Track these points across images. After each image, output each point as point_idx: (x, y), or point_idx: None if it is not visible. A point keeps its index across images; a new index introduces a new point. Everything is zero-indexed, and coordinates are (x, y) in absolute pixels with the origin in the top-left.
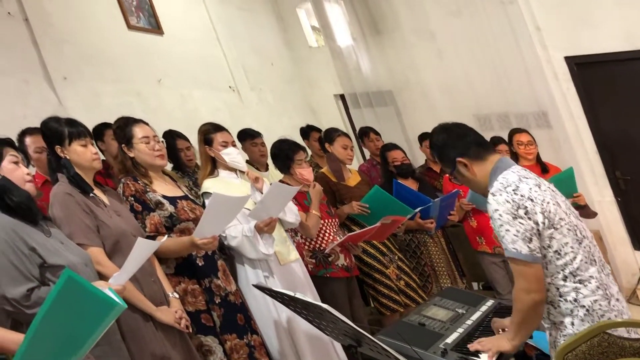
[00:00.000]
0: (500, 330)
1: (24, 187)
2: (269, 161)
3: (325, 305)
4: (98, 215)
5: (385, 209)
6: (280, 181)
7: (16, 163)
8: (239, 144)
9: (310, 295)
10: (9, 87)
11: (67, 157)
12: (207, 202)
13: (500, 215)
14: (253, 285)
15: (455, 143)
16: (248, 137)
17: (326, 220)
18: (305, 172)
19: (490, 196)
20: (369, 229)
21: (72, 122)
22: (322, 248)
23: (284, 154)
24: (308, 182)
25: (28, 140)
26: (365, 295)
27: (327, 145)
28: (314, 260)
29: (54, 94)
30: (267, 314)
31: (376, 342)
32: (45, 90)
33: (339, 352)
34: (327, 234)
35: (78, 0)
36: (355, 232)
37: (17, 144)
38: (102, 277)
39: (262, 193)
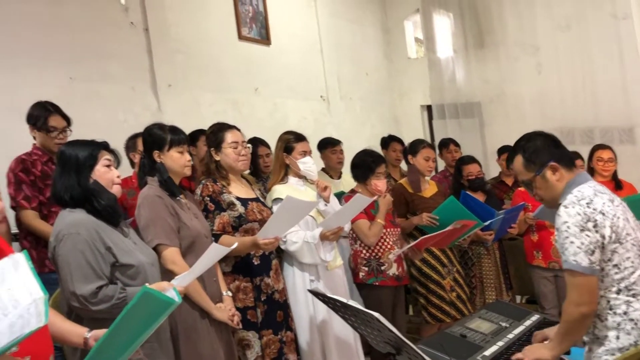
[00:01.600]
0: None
1: (111, 189)
2: (343, 170)
3: (376, 314)
4: (181, 217)
5: (455, 219)
6: (352, 190)
7: (108, 166)
8: (317, 153)
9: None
10: (117, 93)
11: (162, 162)
12: (274, 207)
13: (568, 227)
14: (308, 290)
15: (552, 149)
16: (329, 145)
17: (388, 230)
18: (380, 183)
19: (562, 208)
20: (440, 232)
21: (174, 130)
22: (377, 256)
23: (367, 165)
24: (380, 193)
25: (140, 142)
26: (407, 303)
27: (409, 157)
28: (366, 269)
29: (155, 100)
30: (305, 314)
31: (418, 352)
32: (148, 96)
33: (360, 356)
34: (385, 243)
35: (199, 12)
36: (428, 235)
37: (126, 145)
38: (174, 275)
39: (327, 202)
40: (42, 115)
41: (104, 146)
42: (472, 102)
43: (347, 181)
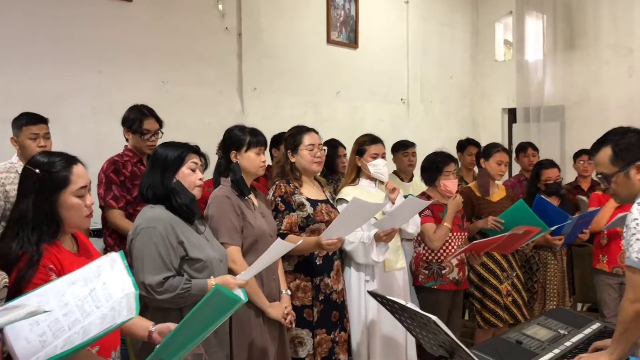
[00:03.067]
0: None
1: (192, 191)
2: (415, 172)
3: (433, 317)
4: (247, 216)
5: (520, 224)
6: (423, 193)
7: (193, 170)
8: (390, 155)
9: None
10: (204, 97)
11: (238, 162)
12: (339, 207)
13: (637, 224)
14: (368, 291)
15: None
16: (401, 147)
17: (454, 234)
18: (450, 183)
19: (635, 205)
20: (497, 237)
21: (254, 132)
22: (439, 260)
23: (434, 166)
24: (450, 194)
25: None
26: (464, 307)
27: (482, 160)
28: (426, 272)
29: (240, 103)
30: (356, 314)
31: (472, 356)
32: (234, 100)
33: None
34: (450, 247)
35: (291, 17)
36: (480, 240)
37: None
38: (233, 273)
39: (393, 204)
40: (137, 118)
41: (194, 149)
42: (555, 106)
43: (417, 184)
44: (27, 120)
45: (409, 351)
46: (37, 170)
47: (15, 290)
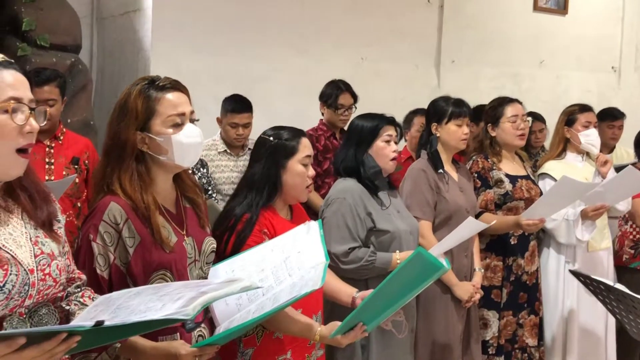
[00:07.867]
0: None
1: (386, 165)
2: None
3: None
4: (441, 190)
5: None
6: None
7: (388, 142)
8: None
9: None
10: (399, 72)
11: (438, 135)
12: (541, 182)
13: None
14: (570, 270)
15: None
16: (609, 117)
17: None
18: None
19: None
20: None
21: (457, 102)
22: None
23: None
24: None
25: (415, 120)
26: None
27: None
28: (632, 251)
29: (436, 77)
30: (553, 298)
31: None
32: (430, 74)
33: (610, 354)
34: None
35: None
36: None
37: (405, 119)
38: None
39: (603, 178)
40: (333, 93)
41: (389, 121)
42: None
43: (618, 157)
44: (233, 108)
45: (608, 348)
46: (271, 138)
47: (235, 252)
